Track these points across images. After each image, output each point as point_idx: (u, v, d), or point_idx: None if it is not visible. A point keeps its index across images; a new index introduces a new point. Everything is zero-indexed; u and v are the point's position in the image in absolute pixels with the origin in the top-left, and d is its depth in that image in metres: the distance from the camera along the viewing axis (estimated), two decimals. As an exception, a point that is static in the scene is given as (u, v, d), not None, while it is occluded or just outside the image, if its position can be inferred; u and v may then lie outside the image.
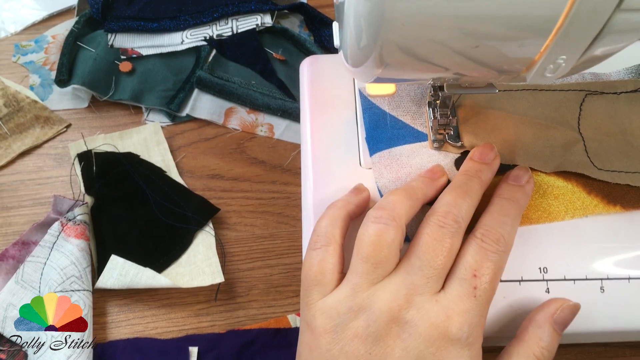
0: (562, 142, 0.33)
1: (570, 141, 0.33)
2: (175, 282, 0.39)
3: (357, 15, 0.22)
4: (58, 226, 0.40)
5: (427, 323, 0.26)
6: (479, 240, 0.27)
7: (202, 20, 0.52)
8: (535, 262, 0.31)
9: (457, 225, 0.27)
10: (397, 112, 0.36)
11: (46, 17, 0.54)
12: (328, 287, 0.28)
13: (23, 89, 0.49)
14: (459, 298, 0.26)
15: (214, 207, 0.43)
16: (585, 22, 0.20)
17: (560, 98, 0.35)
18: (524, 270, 0.31)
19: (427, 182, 0.31)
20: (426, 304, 0.26)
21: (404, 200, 0.29)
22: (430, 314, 0.26)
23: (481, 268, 0.26)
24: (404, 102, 0.36)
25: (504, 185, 0.31)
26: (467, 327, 0.25)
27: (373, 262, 0.27)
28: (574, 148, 0.33)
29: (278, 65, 0.50)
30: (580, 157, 0.33)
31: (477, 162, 0.31)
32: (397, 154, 0.34)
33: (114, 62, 0.50)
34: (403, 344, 0.26)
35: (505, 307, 0.30)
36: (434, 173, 0.32)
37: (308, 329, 0.28)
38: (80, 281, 0.38)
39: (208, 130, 0.48)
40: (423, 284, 0.26)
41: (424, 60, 0.24)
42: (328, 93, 0.38)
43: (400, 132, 0.35)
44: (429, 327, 0.26)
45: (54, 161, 0.46)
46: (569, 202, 0.32)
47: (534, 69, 0.23)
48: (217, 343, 0.38)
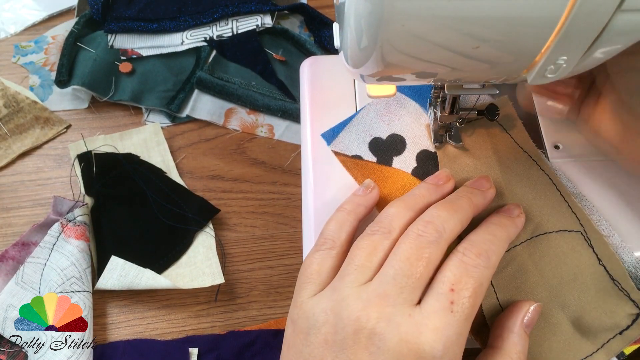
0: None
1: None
2: (176, 283, 0.39)
3: (357, 16, 0.22)
4: (58, 227, 0.40)
5: (396, 338, 0.24)
6: (460, 254, 0.26)
7: (202, 21, 0.52)
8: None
9: (438, 235, 0.26)
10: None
11: (46, 18, 0.54)
12: (319, 287, 0.28)
13: (23, 90, 0.49)
14: (433, 313, 0.24)
15: (214, 207, 0.43)
16: (586, 23, 0.20)
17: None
18: None
19: (432, 189, 0.30)
20: (397, 317, 0.24)
21: (401, 212, 0.28)
22: (401, 329, 0.24)
23: (460, 283, 0.25)
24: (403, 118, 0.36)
25: (494, 214, 0.30)
26: (441, 345, 0.24)
27: (357, 266, 0.27)
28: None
29: (278, 66, 0.50)
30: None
31: (470, 187, 0.31)
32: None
33: (114, 62, 0.49)
34: (371, 357, 0.24)
35: None
36: (439, 179, 0.31)
37: (291, 326, 0.28)
38: (80, 282, 0.38)
39: (208, 131, 0.48)
40: (395, 294, 0.25)
41: (424, 61, 0.24)
42: (328, 94, 0.38)
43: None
44: (399, 343, 0.24)
45: (54, 162, 0.46)
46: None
47: (535, 69, 0.23)
48: (217, 344, 0.38)
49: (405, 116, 0.36)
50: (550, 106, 0.34)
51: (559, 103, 0.33)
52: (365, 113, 0.36)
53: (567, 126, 0.36)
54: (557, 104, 0.33)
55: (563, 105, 0.33)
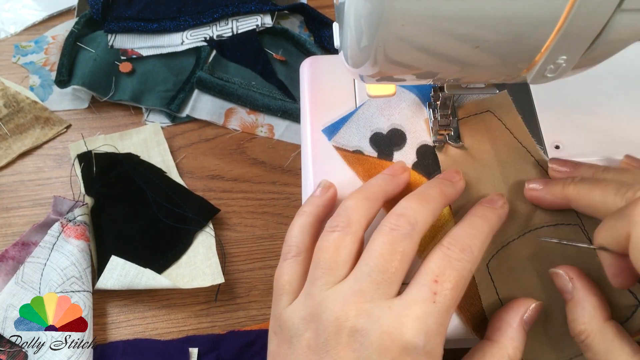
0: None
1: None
2: (176, 282, 0.39)
3: (357, 16, 0.22)
4: (58, 227, 0.40)
5: (378, 331, 0.24)
6: (444, 248, 0.26)
7: (202, 20, 0.52)
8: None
9: (410, 228, 0.26)
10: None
11: (46, 18, 0.54)
12: (293, 296, 0.28)
13: (23, 90, 0.49)
14: (415, 303, 0.24)
15: (214, 207, 0.43)
16: (586, 23, 0.20)
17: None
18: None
19: (388, 179, 0.31)
20: (377, 311, 0.25)
21: (360, 203, 0.28)
22: (382, 321, 0.24)
23: (443, 274, 0.25)
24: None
25: (477, 206, 0.30)
26: (423, 334, 0.24)
27: (325, 269, 0.26)
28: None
29: (278, 66, 0.50)
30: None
31: (441, 178, 0.31)
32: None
33: (114, 62, 0.50)
34: (354, 355, 0.24)
35: None
36: (395, 170, 0.32)
37: (274, 338, 0.28)
38: (80, 282, 0.38)
39: (208, 130, 0.48)
40: (372, 290, 0.25)
41: (424, 60, 0.24)
42: (328, 94, 0.38)
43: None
44: (381, 335, 0.24)
45: (54, 162, 0.46)
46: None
47: (535, 69, 0.23)
48: (217, 344, 0.38)
49: (405, 110, 0.36)
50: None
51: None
52: (365, 108, 0.36)
53: (567, 126, 0.36)
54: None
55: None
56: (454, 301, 0.25)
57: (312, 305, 0.26)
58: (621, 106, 0.37)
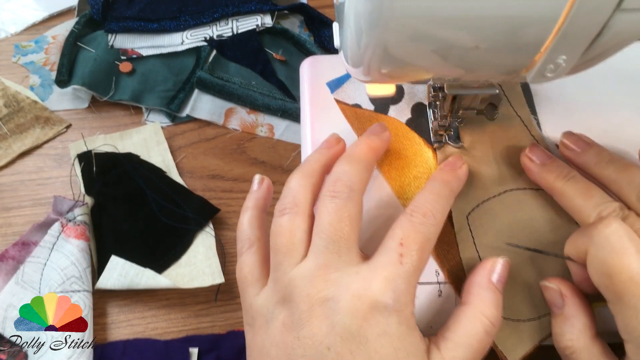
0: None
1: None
2: (176, 282, 0.39)
3: (357, 15, 0.22)
4: (58, 227, 0.40)
5: (348, 295, 0.25)
6: (408, 215, 0.27)
7: (202, 20, 0.52)
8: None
9: (349, 190, 0.27)
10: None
11: (46, 18, 0.54)
12: (258, 284, 0.29)
13: (23, 90, 0.49)
14: (382, 266, 0.25)
15: (214, 207, 0.43)
16: (585, 22, 0.20)
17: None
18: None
19: (324, 152, 0.32)
20: (345, 278, 0.25)
21: (302, 182, 0.29)
22: (351, 286, 0.25)
23: (408, 237, 0.26)
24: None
25: (437, 171, 0.31)
26: (391, 292, 0.25)
27: (284, 252, 0.27)
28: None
29: (278, 66, 0.50)
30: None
31: (366, 134, 0.32)
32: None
33: (114, 62, 0.50)
34: (328, 321, 0.25)
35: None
36: (330, 142, 0.33)
37: (250, 330, 0.28)
38: (80, 282, 0.38)
39: (208, 130, 0.48)
40: (335, 260, 0.26)
41: (424, 60, 0.24)
42: (328, 93, 0.38)
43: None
44: (351, 299, 0.25)
45: (54, 161, 0.46)
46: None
47: (535, 68, 0.23)
48: (217, 344, 0.38)
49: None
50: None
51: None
52: None
53: (567, 126, 0.36)
54: None
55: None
56: (422, 263, 0.26)
57: (281, 289, 0.27)
58: (621, 106, 0.37)
